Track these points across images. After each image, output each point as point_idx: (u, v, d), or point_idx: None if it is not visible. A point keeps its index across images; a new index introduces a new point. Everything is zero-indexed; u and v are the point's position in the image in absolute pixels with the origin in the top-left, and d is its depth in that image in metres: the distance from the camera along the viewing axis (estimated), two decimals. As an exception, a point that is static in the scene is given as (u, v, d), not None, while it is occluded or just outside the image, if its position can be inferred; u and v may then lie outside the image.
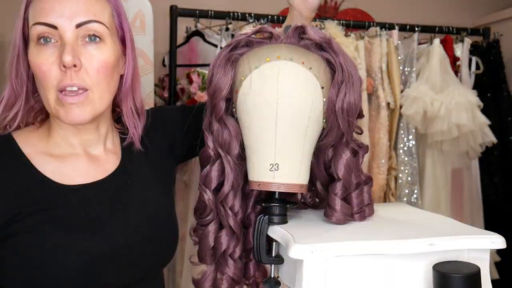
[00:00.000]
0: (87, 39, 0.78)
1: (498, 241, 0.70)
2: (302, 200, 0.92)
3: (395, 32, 2.17)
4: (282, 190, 0.76)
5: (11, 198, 0.76)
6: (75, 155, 0.85)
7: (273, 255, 0.81)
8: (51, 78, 0.76)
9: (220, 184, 0.82)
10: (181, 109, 1.04)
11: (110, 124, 0.90)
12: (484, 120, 2.14)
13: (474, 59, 2.32)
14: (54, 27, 0.76)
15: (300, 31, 0.79)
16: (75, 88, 0.77)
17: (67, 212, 0.79)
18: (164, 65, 2.20)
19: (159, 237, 0.87)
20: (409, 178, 2.15)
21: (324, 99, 0.77)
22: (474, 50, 2.36)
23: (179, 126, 0.98)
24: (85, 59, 0.77)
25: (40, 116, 0.87)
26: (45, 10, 0.76)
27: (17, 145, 0.81)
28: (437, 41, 2.19)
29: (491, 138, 2.18)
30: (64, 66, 0.75)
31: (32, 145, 0.82)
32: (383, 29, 2.16)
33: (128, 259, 0.82)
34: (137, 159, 0.91)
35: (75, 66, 0.76)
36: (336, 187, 0.79)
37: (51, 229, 0.76)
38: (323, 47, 0.78)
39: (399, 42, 2.19)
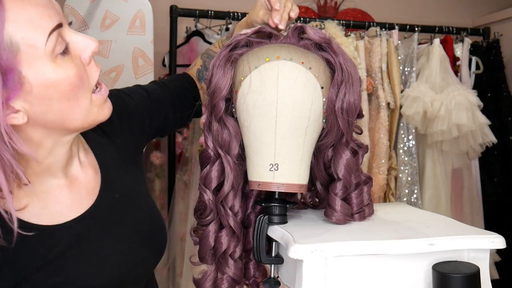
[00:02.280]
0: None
1: (498, 241, 0.70)
2: (302, 200, 0.92)
3: (395, 32, 2.17)
4: (282, 190, 0.76)
5: (9, 266, 0.71)
6: (57, 186, 0.77)
7: (273, 255, 0.81)
8: (88, 81, 0.71)
9: (220, 184, 0.82)
10: (142, 89, 1.01)
11: None
12: (484, 120, 2.14)
13: (474, 59, 2.32)
14: (60, 25, 0.67)
15: (300, 31, 0.79)
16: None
17: (71, 254, 0.75)
18: (164, 65, 2.20)
19: (156, 243, 0.89)
20: (409, 178, 2.15)
21: (324, 99, 0.77)
22: (474, 50, 2.36)
23: (145, 108, 0.97)
24: None
25: None
26: (45, 13, 0.65)
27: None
28: (437, 41, 2.19)
29: (491, 138, 2.18)
30: (90, 58, 0.71)
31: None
32: (383, 29, 2.16)
33: (135, 274, 0.84)
34: (113, 163, 0.88)
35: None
36: (336, 187, 0.79)
37: (61, 279, 0.74)
38: (322, 47, 0.78)
39: (399, 42, 2.19)
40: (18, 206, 0.71)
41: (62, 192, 0.78)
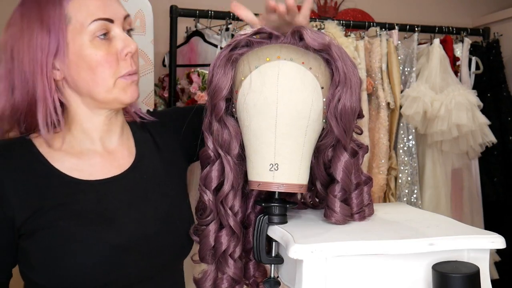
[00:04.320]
0: (125, 31, 0.88)
1: (498, 241, 0.70)
2: (302, 200, 0.92)
3: (395, 32, 2.17)
4: (282, 190, 0.76)
5: (32, 195, 0.81)
6: (93, 151, 0.89)
7: (273, 255, 0.81)
8: (115, 68, 0.84)
9: (220, 184, 0.82)
10: (190, 110, 1.04)
11: (123, 115, 0.96)
12: (484, 120, 2.14)
13: (474, 59, 2.32)
14: (111, 20, 0.84)
15: (298, 35, 0.78)
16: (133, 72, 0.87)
17: (85, 207, 0.83)
18: (164, 65, 2.20)
19: (175, 232, 0.91)
20: (409, 178, 2.15)
21: (324, 99, 0.77)
22: (474, 50, 2.36)
23: (190, 126, 0.99)
24: None
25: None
26: (101, 7, 0.84)
27: (34, 145, 0.86)
28: (437, 41, 2.19)
29: (491, 138, 2.18)
30: (126, 55, 0.85)
31: (49, 145, 0.87)
32: (383, 29, 2.16)
33: (145, 252, 0.86)
34: (151, 156, 0.96)
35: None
36: (335, 189, 0.79)
37: (69, 223, 0.81)
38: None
39: (399, 42, 2.19)
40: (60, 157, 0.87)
41: (95, 157, 0.89)
